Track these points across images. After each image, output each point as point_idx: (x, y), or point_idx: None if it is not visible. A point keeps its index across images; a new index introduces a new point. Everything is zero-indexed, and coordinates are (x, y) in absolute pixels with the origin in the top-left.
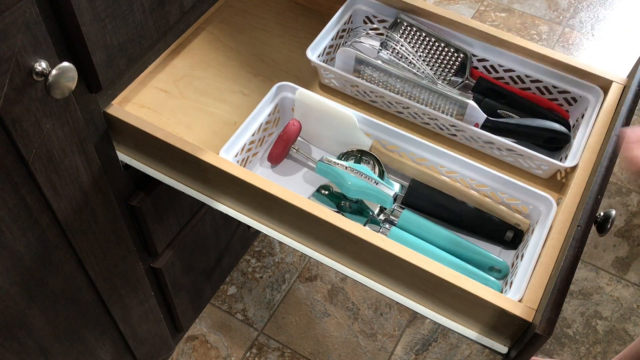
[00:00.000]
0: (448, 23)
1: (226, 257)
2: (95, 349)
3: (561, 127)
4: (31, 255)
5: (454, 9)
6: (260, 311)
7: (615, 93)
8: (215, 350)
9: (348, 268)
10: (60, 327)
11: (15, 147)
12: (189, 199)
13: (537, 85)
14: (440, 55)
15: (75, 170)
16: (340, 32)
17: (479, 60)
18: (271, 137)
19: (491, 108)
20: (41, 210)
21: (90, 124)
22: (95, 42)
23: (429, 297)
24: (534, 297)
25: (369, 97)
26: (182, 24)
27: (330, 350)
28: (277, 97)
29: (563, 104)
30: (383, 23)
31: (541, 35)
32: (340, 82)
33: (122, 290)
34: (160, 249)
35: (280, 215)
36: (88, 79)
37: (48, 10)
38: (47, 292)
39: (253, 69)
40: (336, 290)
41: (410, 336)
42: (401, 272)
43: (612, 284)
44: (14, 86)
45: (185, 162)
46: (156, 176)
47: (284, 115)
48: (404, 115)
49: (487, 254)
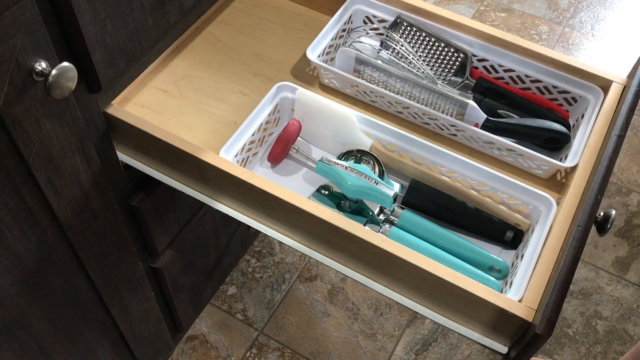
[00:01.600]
0: (448, 23)
1: (226, 257)
2: (95, 349)
3: (561, 127)
4: (31, 255)
5: (454, 9)
6: (260, 311)
7: (615, 93)
8: (215, 350)
9: (348, 268)
10: (60, 327)
11: (15, 147)
12: (189, 199)
13: (537, 85)
14: (440, 55)
15: (75, 170)
16: (340, 32)
17: (479, 60)
18: (271, 137)
19: (491, 108)
20: (41, 210)
21: (90, 124)
22: (95, 42)
23: (429, 297)
24: (534, 297)
25: (369, 97)
26: (182, 24)
27: (330, 350)
28: (277, 97)
29: (563, 104)
30: (383, 23)
31: (541, 35)
32: (340, 82)
33: (122, 290)
34: (160, 249)
35: (280, 215)
36: (88, 79)
37: (48, 10)
38: (47, 292)
39: (253, 69)
40: (336, 290)
41: (410, 336)
42: (401, 272)
43: (612, 284)
44: (14, 86)
45: (185, 162)
46: (156, 176)
47: (284, 115)
48: (404, 115)
49: (486, 254)
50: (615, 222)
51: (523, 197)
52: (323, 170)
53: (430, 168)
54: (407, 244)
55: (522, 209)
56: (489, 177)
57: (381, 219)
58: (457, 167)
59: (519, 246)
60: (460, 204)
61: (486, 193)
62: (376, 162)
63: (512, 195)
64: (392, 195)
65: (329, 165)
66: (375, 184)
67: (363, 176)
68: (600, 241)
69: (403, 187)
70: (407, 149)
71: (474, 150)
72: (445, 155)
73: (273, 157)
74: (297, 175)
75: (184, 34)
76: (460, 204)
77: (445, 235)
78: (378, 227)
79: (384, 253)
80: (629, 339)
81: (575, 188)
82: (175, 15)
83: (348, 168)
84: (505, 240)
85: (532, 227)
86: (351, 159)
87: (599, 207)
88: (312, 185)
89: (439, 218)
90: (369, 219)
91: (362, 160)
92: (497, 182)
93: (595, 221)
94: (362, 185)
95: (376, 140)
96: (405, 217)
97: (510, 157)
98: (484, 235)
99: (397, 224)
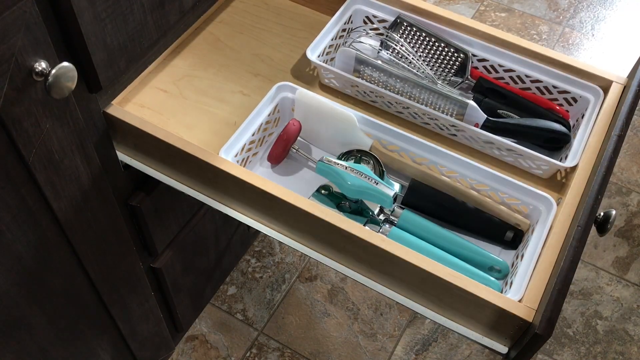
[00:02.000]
0: (448, 23)
1: (226, 257)
2: (95, 349)
3: (561, 127)
4: (31, 255)
5: (454, 9)
6: (260, 311)
7: (615, 93)
8: (215, 350)
9: (348, 268)
10: (60, 327)
11: (15, 147)
12: (189, 199)
13: (537, 85)
14: (441, 55)
15: (75, 170)
16: (340, 32)
17: (479, 60)
18: (271, 137)
19: (491, 108)
20: (41, 210)
21: (90, 124)
22: (95, 42)
23: (429, 297)
24: (534, 297)
25: (369, 97)
26: (182, 24)
27: (330, 350)
28: (277, 97)
29: (563, 104)
30: (383, 23)
31: (541, 35)
32: (340, 82)
33: (122, 290)
34: (160, 249)
35: (280, 215)
36: (88, 79)
37: (48, 10)
38: (47, 292)
39: (253, 69)
40: (336, 290)
41: (410, 336)
42: (401, 272)
43: (612, 284)
44: (14, 86)
45: (185, 162)
46: (156, 176)
47: (284, 115)
48: (404, 115)
49: (486, 254)
50: (615, 222)
51: (523, 197)
52: (323, 170)
53: (430, 168)
54: (407, 244)
55: (522, 209)
56: (489, 177)
57: (381, 219)
58: (457, 167)
59: (519, 246)
60: (460, 204)
61: (486, 193)
62: (376, 162)
63: (512, 195)
64: (392, 195)
65: (328, 165)
66: (375, 184)
67: (363, 176)
68: (600, 241)
69: (403, 187)
70: (407, 149)
71: (474, 150)
72: (446, 155)
73: (273, 158)
74: (297, 175)
75: (184, 34)
76: (460, 204)
77: (445, 235)
78: (378, 227)
79: (384, 253)
80: (629, 339)
81: (575, 188)
82: (175, 15)
83: (348, 168)
84: (506, 241)
85: (532, 227)
86: (351, 159)
87: (599, 207)
88: (312, 185)
89: (439, 218)
90: (369, 219)
91: (362, 160)
92: (497, 182)
93: (595, 221)
94: (362, 185)
95: (376, 140)
96: (406, 217)
97: (510, 157)
98: (484, 235)
99: (397, 224)
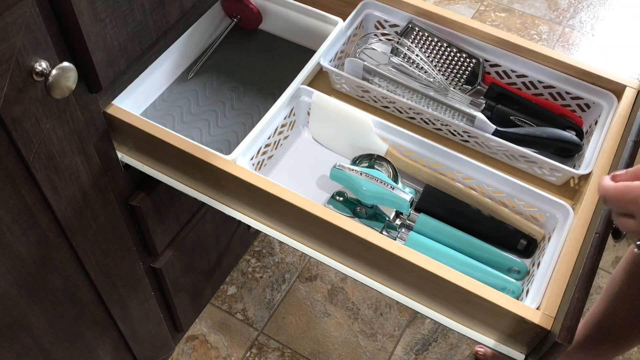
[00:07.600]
0: (460, 28)
1: (226, 257)
2: (95, 349)
3: (572, 137)
4: (31, 255)
5: (454, 9)
6: (260, 311)
7: (629, 97)
8: (215, 350)
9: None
10: (60, 327)
11: (15, 147)
12: (189, 199)
13: (550, 91)
14: (453, 60)
15: (75, 170)
16: (352, 37)
17: (492, 66)
18: (286, 140)
19: (504, 115)
20: (41, 210)
21: (90, 124)
22: (95, 42)
23: (445, 304)
24: (552, 304)
25: (381, 103)
26: (182, 24)
27: (330, 350)
28: (293, 101)
29: (576, 110)
30: (395, 28)
31: (541, 35)
32: (352, 88)
33: (122, 290)
34: (160, 249)
35: (292, 221)
36: (88, 79)
37: (48, 10)
38: (47, 292)
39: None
40: (336, 290)
41: (410, 336)
42: (418, 280)
43: None
44: (14, 86)
45: (186, 163)
46: (156, 176)
47: (300, 119)
48: (416, 121)
49: (505, 256)
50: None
51: (540, 204)
52: (337, 176)
53: (445, 174)
54: (426, 248)
55: (538, 217)
56: (507, 183)
57: (397, 224)
58: (474, 173)
59: (535, 254)
60: (474, 210)
61: (502, 200)
62: (390, 166)
63: (528, 202)
64: (409, 200)
65: (343, 171)
66: (392, 189)
67: (378, 182)
68: None
69: (416, 193)
70: (423, 155)
71: (487, 157)
72: (463, 161)
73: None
74: (311, 181)
75: (184, 34)
76: (474, 210)
77: (463, 238)
78: (396, 232)
79: (401, 261)
80: None
81: (590, 194)
82: (175, 15)
83: (363, 174)
84: (519, 249)
85: (548, 235)
86: (364, 163)
87: None
88: (326, 191)
89: (452, 224)
90: (386, 224)
91: (376, 164)
92: (514, 189)
93: (611, 227)
94: (378, 190)
95: (392, 145)
96: (423, 221)
97: (523, 164)
98: (497, 242)
99: (414, 229)
